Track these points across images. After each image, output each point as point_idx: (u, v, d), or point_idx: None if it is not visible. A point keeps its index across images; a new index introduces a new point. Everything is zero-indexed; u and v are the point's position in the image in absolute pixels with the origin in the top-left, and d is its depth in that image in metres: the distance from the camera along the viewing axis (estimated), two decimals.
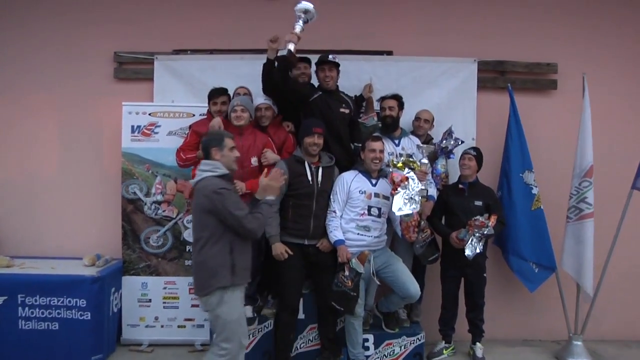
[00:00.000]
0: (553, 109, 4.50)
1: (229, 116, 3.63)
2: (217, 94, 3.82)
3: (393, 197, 3.39)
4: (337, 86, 3.96)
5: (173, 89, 4.45)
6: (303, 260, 3.42)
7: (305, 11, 3.50)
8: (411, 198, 3.36)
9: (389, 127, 3.99)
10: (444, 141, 4.08)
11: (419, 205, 3.38)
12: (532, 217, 4.07)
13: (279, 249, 3.39)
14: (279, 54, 3.50)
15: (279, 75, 3.53)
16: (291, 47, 3.41)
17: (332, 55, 3.88)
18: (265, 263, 3.59)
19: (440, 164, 4.13)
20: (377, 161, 3.55)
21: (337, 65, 3.86)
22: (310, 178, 3.47)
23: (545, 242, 4.05)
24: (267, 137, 3.70)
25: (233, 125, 3.59)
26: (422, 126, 4.25)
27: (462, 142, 4.10)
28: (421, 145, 3.88)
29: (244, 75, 4.25)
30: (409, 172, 3.44)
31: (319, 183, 3.49)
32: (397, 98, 4.07)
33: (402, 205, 3.34)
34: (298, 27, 3.45)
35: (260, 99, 3.81)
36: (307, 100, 3.76)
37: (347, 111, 3.90)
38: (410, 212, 3.33)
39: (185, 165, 3.73)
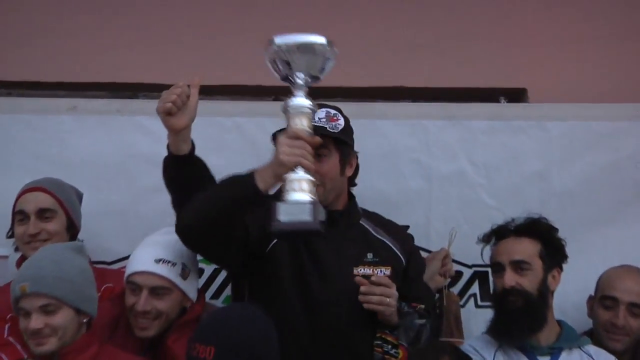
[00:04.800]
0: None
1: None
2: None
3: None
4: (352, 201, 3.71)
5: None
6: None
7: (302, 49, 3.13)
8: None
9: (517, 323, 3.62)
10: None
11: None
12: None
13: None
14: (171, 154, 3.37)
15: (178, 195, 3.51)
16: (304, 194, 3.08)
17: (323, 111, 3.56)
18: None
19: None
20: None
21: (338, 142, 3.56)
22: None
23: None
24: None
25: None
26: (630, 325, 3.89)
27: None
28: None
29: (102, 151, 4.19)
30: None
31: None
32: (544, 232, 3.72)
33: None
34: (299, 118, 3.14)
35: (144, 258, 3.58)
36: (262, 249, 3.56)
37: (385, 270, 3.58)
38: None
39: None
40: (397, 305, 3.46)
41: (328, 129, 3.45)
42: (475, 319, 4.06)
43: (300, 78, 3.09)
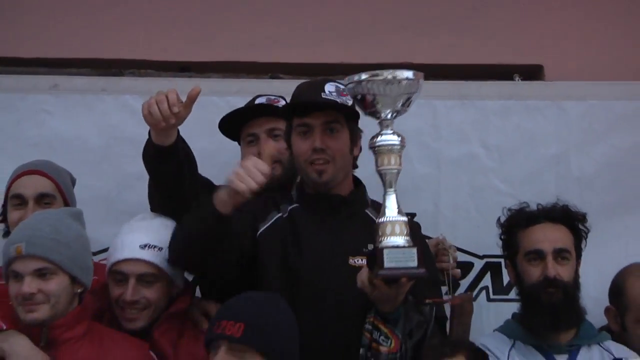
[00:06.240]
0: None
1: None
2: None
3: None
4: (359, 187, 3.76)
5: None
6: None
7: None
8: None
9: (559, 319, 3.61)
10: None
11: None
12: None
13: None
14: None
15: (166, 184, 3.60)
16: (402, 237, 3.29)
17: (332, 84, 3.63)
18: None
19: None
20: None
21: (349, 115, 3.60)
22: None
23: None
24: (146, 348, 3.51)
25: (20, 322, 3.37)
26: None
27: None
28: None
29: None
30: None
31: None
32: (578, 220, 3.71)
33: None
34: (386, 157, 3.27)
35: (129, 244, 3.60)
36: (249, 241, 3.62)
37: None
38: None
39: None
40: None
41: (339, 102, 3.48)
42: (487, 314, 4.08)
43: (386, 113, 3.20)
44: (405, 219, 3.25)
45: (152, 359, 3.43)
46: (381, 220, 3.26)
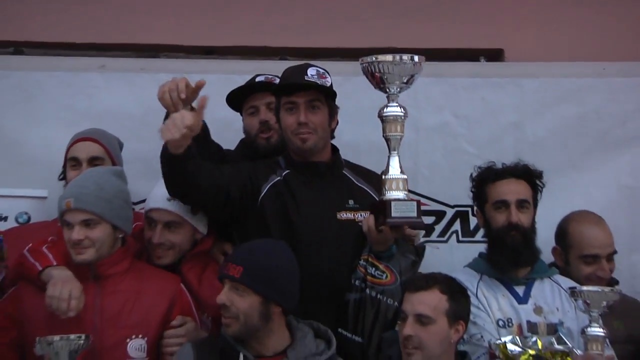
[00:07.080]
0: None
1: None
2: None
3: None
4: (336, 153, 3.97)
5: None
6: None
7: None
8: None
9: (520, 257, 3.85)
10: None
11: None
12: None
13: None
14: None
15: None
16: (403, 192, 3.58)
17: (314, 68, 3.83)
18: None
19: None
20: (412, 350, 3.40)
21: (328, 94, 3.80)
22: None
23: None
24: (178, 281, 3.79)
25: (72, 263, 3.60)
26: (604, 268, 4.09)
27: None
28: (586, 289, 3.50)
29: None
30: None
31: None
32: (536, 177, 3.96)
33: None
34: (392, 124, 3.52)
35: (158, 196, 3.84)
36: (247, 205, 3.79)
37: (365, 215, 3.74)
38: None
39: None
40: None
41: (319, 84, 3.72)
42: (458, 253, 4.38)
43: (393, 89, 3.41)
44: (405, 177, 3.47)
45: (182, 289, 3.69)
46: (386, 177, 3.46)
